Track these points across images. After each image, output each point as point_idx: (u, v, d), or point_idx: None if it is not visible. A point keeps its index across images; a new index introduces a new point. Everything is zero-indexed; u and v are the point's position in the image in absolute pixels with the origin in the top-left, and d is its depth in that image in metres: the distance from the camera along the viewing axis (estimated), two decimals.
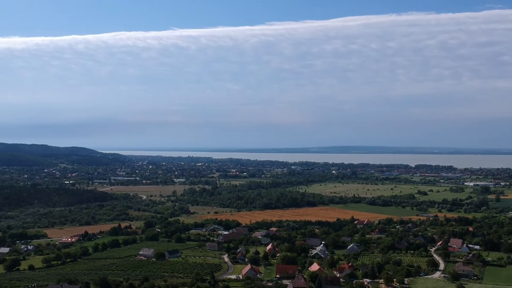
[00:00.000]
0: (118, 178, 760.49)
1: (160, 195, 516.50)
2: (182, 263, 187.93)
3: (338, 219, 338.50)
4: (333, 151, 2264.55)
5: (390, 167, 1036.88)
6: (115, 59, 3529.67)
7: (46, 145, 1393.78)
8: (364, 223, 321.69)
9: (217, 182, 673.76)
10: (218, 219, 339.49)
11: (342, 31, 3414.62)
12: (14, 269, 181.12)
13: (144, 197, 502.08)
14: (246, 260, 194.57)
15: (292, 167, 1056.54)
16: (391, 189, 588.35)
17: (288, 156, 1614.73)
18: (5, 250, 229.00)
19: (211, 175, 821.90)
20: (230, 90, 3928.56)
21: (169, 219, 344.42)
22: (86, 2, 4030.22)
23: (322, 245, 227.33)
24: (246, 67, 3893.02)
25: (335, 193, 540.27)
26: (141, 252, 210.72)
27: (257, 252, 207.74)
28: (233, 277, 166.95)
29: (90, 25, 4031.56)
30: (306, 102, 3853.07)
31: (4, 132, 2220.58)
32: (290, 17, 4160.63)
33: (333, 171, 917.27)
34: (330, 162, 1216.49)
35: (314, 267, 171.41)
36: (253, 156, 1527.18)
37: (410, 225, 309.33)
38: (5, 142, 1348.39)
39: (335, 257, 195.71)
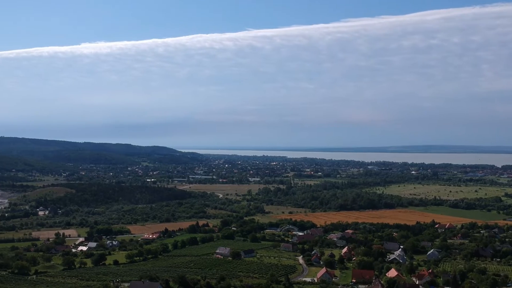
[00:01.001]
0: (196, 176, 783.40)
1: (236, 193, 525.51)
2: (257, 263, 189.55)
3: (417, 223, 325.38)
4: (413, 150, 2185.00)
5: (474, 167, 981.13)
6: (193, 61, 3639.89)
7: (130, 144, 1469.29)
8: (446, 227, 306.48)
9: (292, 182, 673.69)
10: (293, 219, 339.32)
11: (421, 25, 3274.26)
12: (100, 264, 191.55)
13: (221, 195, 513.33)
14: (321, 262, 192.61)
15: (369, 167, 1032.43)
16: (475, 191, 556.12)
17: (364, 155, 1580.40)
18: (93, 244, 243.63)
19: (285, 175, 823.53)
20: (305, 89, 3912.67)
21: (245, 218, 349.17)
22: (164, 7, 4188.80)
23: (400, 249, 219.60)
24: (321, 65, 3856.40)
25: (415, 194, 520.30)
26: (217, 251, 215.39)
27: (332, 255, 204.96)
28: (308, 279, 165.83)
29: (169, 29, 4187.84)
30: (383, 99, 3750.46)
31: (92, 132, 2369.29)
32: (366, 13, 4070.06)
33: (413, 172, 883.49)
34: (409, 162, 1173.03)
35: (392, 273, 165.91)
36: (328, 156, 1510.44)
37: (496, 230, 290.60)
38: (93, 141, 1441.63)
39: (414, 263, 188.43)
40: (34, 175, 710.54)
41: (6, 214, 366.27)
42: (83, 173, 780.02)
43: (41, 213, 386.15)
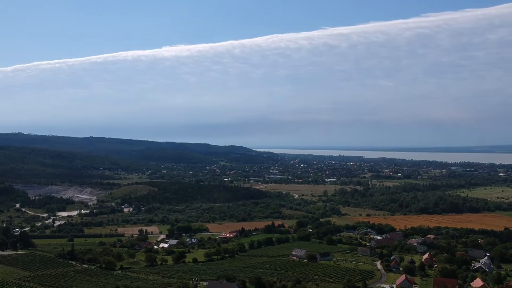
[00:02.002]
0: (272, 176, 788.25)
1: (311, 194, 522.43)
2: (333, 267, 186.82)
3: (506, 228, 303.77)
4: (501, 150, 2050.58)
5: None
6: (268, 61, 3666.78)
7: (208, 144, 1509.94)
8: None
9: (369, 183, 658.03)
10: (370, 222, 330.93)
11: (509, 18, 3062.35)
12: (180, 261, 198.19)
13: (296, 196, 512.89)
14: (401, 269, 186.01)
15: (452, 168, 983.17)
16: None
17: (447, 156, 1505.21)
18: (173, 242, 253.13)
19: (362, 175, 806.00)
20: (383, 87, 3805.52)
21: (320, 219, 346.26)
22: (241, 9, 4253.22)
23: (486, 257, 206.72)
24: (400, 62, 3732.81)
25: (503, 198, 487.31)
26: (293, 253, 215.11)
27: (412, 261, 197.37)
28: (386, 286, 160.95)
29: (245, 30, 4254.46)
30: (467, 96, 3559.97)
31: (173, 132, 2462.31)
32: (448, 7, 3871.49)
33: (501, 174, 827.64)
34: (497, 163, 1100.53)
35: (477, 282, 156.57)
36: (408, 156, 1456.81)
37: None
38: (174, 141, 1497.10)
39: (502, 272, 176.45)
40: (119, 173, 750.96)
41: (94, 210, 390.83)
42: (165, 171, 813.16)
43: (126, 210, 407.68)
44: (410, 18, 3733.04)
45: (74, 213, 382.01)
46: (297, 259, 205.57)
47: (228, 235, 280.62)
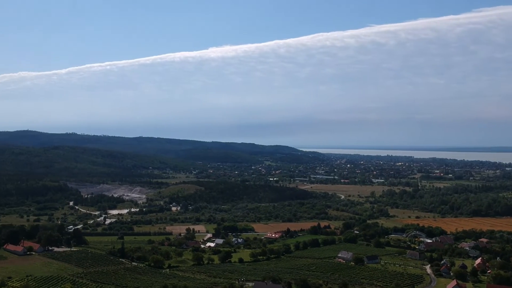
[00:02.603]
0: (317, 176, 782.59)
1: (358, 195, 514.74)
2: (381, 271, 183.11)
3: None
4: None
5: None
6: (314, 60, 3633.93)
7: (254, 144, 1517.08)
8: None
9: (419, 184, 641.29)
10: (420, 224, 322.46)
11: None
12: (226, 261, 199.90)
13: (342, 196, 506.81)
14: (451, 274, 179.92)
15: (507, 169, 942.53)
16: None
17: (502, 156, 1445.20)
18: (220, 241, 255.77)
19: (411, 176, 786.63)
20: (433, 85, 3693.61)
21: (368, 221, 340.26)
22: (286, 8, 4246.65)
23: None
24: (450, 59, 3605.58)
25: None
26: (339, 255, 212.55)
27: (463, 266, 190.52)
28: None
29: (290, 30, 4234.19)
30: None
31: (219, 132, 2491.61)
32: (502, 1, 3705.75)
33: None
34: None
35: None
36: (459, 156, 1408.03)
37: None
38: (220, 141, 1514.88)
39: None
40: (168, 173, 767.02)
41: (144, 209, 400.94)
42: (211, 171, 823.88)
43: (173, 208, 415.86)
44: (461, 14, 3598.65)
45: (124, 211, 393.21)
46: (344, 261, 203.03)
47: (273, 235, 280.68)
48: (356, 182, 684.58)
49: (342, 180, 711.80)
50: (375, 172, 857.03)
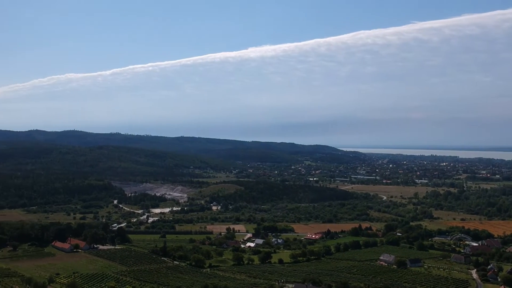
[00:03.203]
0: (358, 176, 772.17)
1: (401, 196, 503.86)
2: (424, 275, 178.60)
3: None
4: None
5: None
6: (355, 58, 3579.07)
7: (293, 143, 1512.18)
8: None
9: (464, 185, 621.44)
10: (465, 227, 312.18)
11: None
12: (266, 261, 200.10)
13: (384, 197, 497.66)
14: (499, 279, 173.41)
15: None
16: None
17: None
18: (260, 241, 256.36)
19: (457, 177, 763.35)
20: (479, 82, 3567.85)
21: (411, 223, 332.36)
22: (326, 6, 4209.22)
23: None
24: (497, 55, 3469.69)
25: None
26: (381, 257, 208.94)
27: None
28: None
29: (330, 28, 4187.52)
30: None
31: (259, 132, 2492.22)
32: None
33: None
34: None
35: None
36: (507, 156, 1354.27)
37: None
38: (260, 140, 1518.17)
39: None
40: (208, 172, 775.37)
41: (185, 208, 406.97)
42: (251, 170, 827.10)
43: (214, 208, 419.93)
44: (508, 9, 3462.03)
45: (166, 210, 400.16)
46: (386, 264, 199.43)
47: (313, 236, 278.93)
48: (399, 182, 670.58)
49: (384, 181, 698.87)
50: (418, 173, 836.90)
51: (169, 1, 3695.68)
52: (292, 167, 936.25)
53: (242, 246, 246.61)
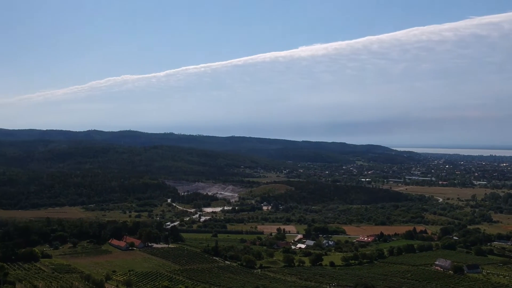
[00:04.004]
0: (413, 177, 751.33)
1: (458, 198, 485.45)
2: (483, 281, 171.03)
3: None
4: None
5: None
6: (409, 55, 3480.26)
7: (345, 143, 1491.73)
8: None
9: None
10: None
11: None
12: (317, 264, 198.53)
13: (440, 199, 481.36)
14: None
15: None
16: None
17: None
18: (310, 243, 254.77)
19: None
20: None
21: (468, 226, 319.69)
22: (377, 3, 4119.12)
23: None
24: None
25: None
26: (437, 262, 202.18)
27: None
28: None
29: (383, 25, 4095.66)
30: None
31: (309, 131, 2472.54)
32: None
33: None
34: None
35: None
36: None
37: None
38: (310, 140, 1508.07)
39: None
40: (259, 172, 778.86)
41: (236, 207, 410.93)
42: (301, 170, 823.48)
43: (264, 208, 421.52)
44: None
45: (218, 209, 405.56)
46: (441, 269, 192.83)
47: (365, 239, 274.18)
48: (456, 184, 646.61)
49: (440, 182, 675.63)
50: (476, 174, 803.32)
51: (219, 3, 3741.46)
52: (344, 167, 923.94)
53: (293, 247, 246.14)
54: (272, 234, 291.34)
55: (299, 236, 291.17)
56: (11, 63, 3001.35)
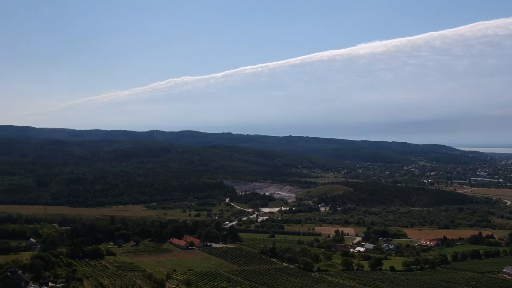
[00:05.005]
0: (479, 179, 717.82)
1: None
2: None
3: None
4: None
5: None
6: (474, 51, 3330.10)
7: (406, 143, 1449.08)
8: None
9: None
10: None
11: None
12: (377, 268, 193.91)
13: (509, 202, 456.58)
14: None
15: None
16: None
17: None
18: (370, 246, 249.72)
19: None
20: None
21: None
22: None
23: None
24: None
25: None
26: (505, 270, 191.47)
27: None
28: None
29: (445, 20, 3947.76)
30: None
31: (368, 131, 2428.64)
32: None
33: None
34: None
35: None
36: None
37: None
38: (369, 139, 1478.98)
39: None
40: (316, 172, 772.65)
41: (293, 208, 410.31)
42: (360, 171, 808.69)
43: (322, 209, 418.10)
44: None
45: (275, 209, 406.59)
46: (510, 278, 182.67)
47: (428, 243, 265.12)
48: None
49: (508, 184, 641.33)
50: None
51: (276, 2, 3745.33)
52: (405, 167, 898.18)
53: (351, 250, 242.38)
54: (330, 236, 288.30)
55: (358, 238, 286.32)
56: (79, 66, 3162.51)
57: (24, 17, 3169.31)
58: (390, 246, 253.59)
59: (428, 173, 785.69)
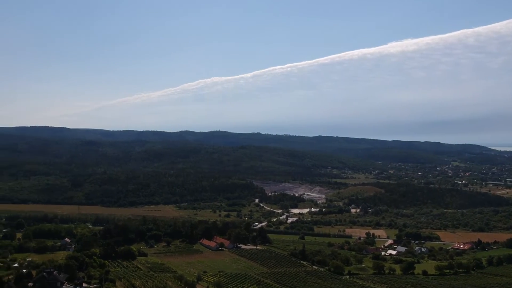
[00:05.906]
0: None
1: None
2: None
3: None
4: None
5: None
6: (509, 48, 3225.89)
7: (439, 143, 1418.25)
8: None
9: None
10: None
11: None
12: (409, 272, 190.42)
13: None
14: None
15: None
16: None
17: None
18: (402, 249, 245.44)
19: None
20: None
21: None
22: None
23: None
24: None
25: None
26: None
27: None
28: None
29: (479, 17, 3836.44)
30: None
31: (399, 130, 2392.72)
32: None
33: None
34: None
35: None
36: None
37: None
38: (401, 139, 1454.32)
39: None
40: (346, 172, 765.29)
41: (323, 209, 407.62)
42: (392, 172, 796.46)
43: (352, 210, 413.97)
44: None
45: (305, 210, 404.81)
46: None
47: (461, 246, 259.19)
48: None
49: None
50: None
51: (305, 2, 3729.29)
52: (438, 168, 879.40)
53: (383, 253, 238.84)
54: (361, 238, 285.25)
55: (390, 241, 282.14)
56: (112, 67, 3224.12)
57: (60, 17, 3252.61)
58: (423, 249, 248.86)
59: (462, 174, 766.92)
